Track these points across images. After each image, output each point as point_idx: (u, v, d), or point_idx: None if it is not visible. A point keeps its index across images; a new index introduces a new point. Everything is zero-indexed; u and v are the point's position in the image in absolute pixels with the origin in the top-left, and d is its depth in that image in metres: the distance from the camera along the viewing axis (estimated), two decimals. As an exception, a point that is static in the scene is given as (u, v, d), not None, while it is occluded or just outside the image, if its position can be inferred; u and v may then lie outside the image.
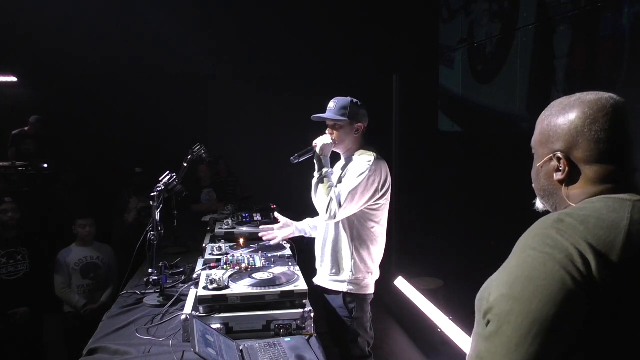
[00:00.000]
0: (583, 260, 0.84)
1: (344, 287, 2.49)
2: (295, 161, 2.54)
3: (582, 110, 0.99)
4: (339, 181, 2.47)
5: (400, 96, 5.31)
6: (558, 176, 1.02)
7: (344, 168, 2.55)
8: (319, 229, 2.65)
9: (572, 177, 1.01)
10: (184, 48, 5.76)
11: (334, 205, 2.35)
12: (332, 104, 2.52)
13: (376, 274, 2.58)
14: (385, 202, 2.50)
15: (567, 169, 1.00)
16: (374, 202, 2.44)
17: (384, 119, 5.27)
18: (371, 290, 2.56)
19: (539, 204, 1.12)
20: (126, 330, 2.17)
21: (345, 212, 2.38)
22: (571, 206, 1.00)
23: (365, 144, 2.57)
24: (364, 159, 2.44)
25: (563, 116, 1.01)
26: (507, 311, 0.87)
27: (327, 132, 2.55)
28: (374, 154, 2.48)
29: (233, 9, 5.58)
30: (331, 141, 2.50)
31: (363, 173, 2.38)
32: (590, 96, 1.01)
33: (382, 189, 2.44)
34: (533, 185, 1.12)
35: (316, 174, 2.48)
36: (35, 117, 5.59)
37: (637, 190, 0.97)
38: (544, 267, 0.86)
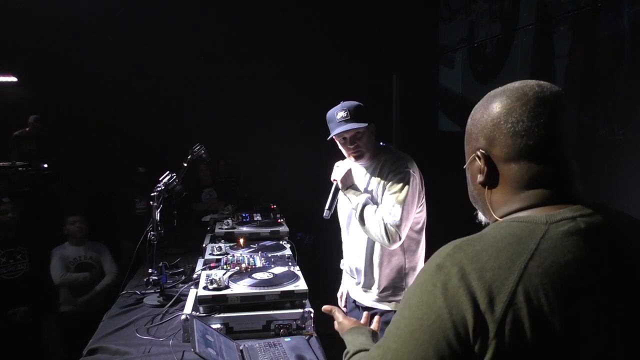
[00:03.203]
0: (454, 324, 0.71)
1: (396, 306, 2.27)
2: (331, 213, 2.24)
3: (501, 100, 0.85)
4: (379, 196, 2.17)
5: (400, 96, 5.30)
6: (480, 178, 0.88)
7: (374, 176, 2.24)
8: (352, 247, 2.37)
9: (492, 179, 0.86)
10: (185, 48, 5.77)
11: (393, 230, 2.06)
12: (343, 113, 2.16)
13: None
14: (424, 202, 2.29)
15: (485, 169, 0.86)
16: (419, 207, 2.23)
17: (384, 119, 5.27)
18: None
19: (481, 215, 0.97)
20: (126, 330, 2.17)
21: (406, 229, 2.13)
22: (494, 219, 0.87)
23: (377, 142, 2.33)
24: (397, 163, 2.19)
25: (484, 109, 0.88)
26: None
27: (345, 148, 2.24)
28: (397, 151, 2.28)
29: (233, 9, 5.57)
30: (348, 167, 2.24)
31: (408, 181, 2.12)
32: (515, 84, 0.87)
33: (422, 190, 2.23)
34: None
35: (355, 209, 2.17)
36: (34, 117, 5.59)
37: (577, 201, 0.80)
38: (410, 337, 0.75)
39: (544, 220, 0.77)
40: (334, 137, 2.23)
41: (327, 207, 2.24)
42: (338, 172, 2.25)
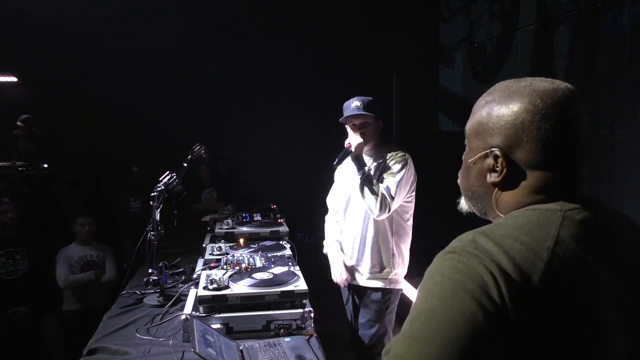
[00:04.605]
0: (498, 290, 0.68)
1: (384, 284, 2.54)
2: (338, 165, 2.53)
3: (532, 102, 0.80)
4: (379, 176, 2.47)
5: (400, 96, 5.30)
6: (492, 177, 0.84)
7: (375, 162, 2.55)
8: (348, 230, 2.65)
9: (508, 181, 0.83)
10: (185, 48, 5.76)
11: (387, 199, 2.35)
12: (357, 103, 2.50)
13: (406, 267, 2.65)
14: (414, 194, 2.58)
15: (504, 170, 0.83)
16: (409, 194, 2.52)
17: (384, 119, 5.26)
18: (403, 284, 2.64)
19: (464, 205, 0.95)
20: (126, 330, 2.17)
21: (395, 205, 2.41)
22: (498, 216, 0.85)
23: (383, 140, 2.66)
24: (398, 153, 2.50)
25: (507, 105, 0.82)
26: (402, 354, 0.69)
27: (354, 133, 2.52)
28: (398, 147, 2.59)
29: (234, 9, 5.57)
30: (362, 140, 2.48)
31: (404, 165, 2.44)
32: (544, 84, 0.82)
33: (414, 181, 2.54)
34: (458, 181, 0.94)
35: (360, 175, 2.43)
36: (23, 117, 5.56)
37: (577, 200, 0.80)
38: (451, 298, 0.69)
39: (559, 208, 0.78)
40: (345, 124, 2.54)
41: (335, 162, 2.50)
42: (354, 139, 2.48)
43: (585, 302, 0.72)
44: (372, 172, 2.47)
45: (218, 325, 1.96)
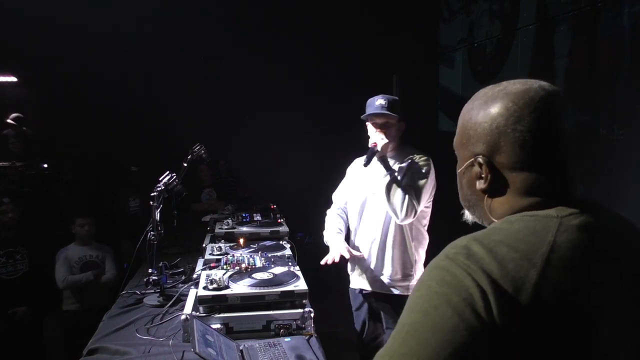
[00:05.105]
0: (485, 303, 0.67)
1: (407, 291, 2.47)
2: (367, 165, 2.41)
3: (505, 105, 0.81)
4: (402, 179, 2.40)
5: (400, 96, 5.30)
6: (480, 185, 0.85)
7: (398, 164, 2.47)
8: (365, 234, 2.55)
9: (495, 187, 0.84)
10: (185, 48, 5.76)
11: (414, 203, 2.29)
12: (382, 101, 2.41)
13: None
14: (432, 199, 2.54)
15: (489, 176, 0.84)
16: (429, 199, 2.48)
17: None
18: None
19: (468, 215, 0.96)
20: (126, 330, 2.17)
21: (419, 208, 2.35)
22: (492, 222, 0.85)
23: (403, 141, 2.59)
24: (422, 157, 2.46)
25: (484, 111, 0.84)
26: None
27: (376, 132, 2.44)
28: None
29: (234, 8, 5.57)
30: (387, 140, 2.40)
31: (428, 170, 2.40)
32: (516, 86, 0.83)
33: (435, 186, 2.49)
34: (458, 193, 0.96)
35: (387, 176, 2.36)
36: (14, 115, 5.53)
37: (573, 204, 0.79)
38: (434, 312, 0.69)
39: (555, 214, 0.76)
40: (367, 121, 2.46)
41: (365, 162, 2.39)
42: (379, 138, 2.40)
43: (579, 309, 0.70)
44: (396, 175, 2.39)
45: (218, 325, 1.96)
